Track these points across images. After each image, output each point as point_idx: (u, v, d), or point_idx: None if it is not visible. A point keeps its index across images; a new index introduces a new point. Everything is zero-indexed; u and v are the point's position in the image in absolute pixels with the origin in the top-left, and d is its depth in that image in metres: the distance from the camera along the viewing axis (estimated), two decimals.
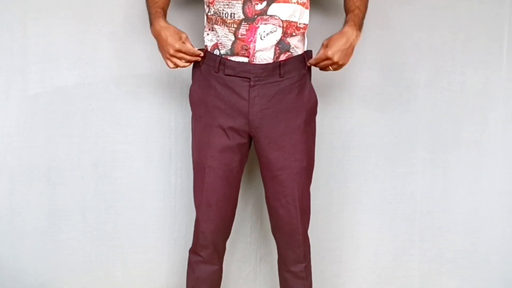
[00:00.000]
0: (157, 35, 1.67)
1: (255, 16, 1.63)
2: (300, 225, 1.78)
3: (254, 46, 1.65)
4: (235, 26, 1.64)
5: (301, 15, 1.68)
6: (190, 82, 1.83)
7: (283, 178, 1.73)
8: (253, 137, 1.74)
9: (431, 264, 2.31)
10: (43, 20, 2.05)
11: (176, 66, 1.67)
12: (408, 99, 2.21)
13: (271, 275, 2.24)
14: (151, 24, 1.70)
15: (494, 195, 2.28)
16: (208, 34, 1.72)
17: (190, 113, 1.83)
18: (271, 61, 1.66)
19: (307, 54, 1.73)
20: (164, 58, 1.69)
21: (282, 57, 1.68)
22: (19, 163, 2.11)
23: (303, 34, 1.72)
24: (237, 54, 1.66)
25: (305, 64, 1.71)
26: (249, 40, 1.64)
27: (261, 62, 1.66)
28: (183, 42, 1.65)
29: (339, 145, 2.21)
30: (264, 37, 1.64)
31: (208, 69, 1.70)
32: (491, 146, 2.26)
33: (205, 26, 1.74)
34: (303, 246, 1.82)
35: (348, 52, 1.66)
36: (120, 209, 2.17)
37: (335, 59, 1.63)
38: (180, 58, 1.66)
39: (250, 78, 1.66)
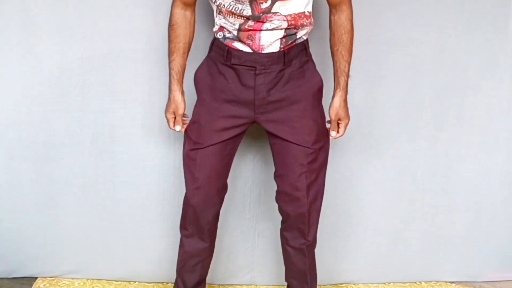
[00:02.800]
0: (170, 96, 1.84)
1: (261, 14, 1.66)
2: (307, 203, 1.80)
3: (260, 37, 1.68)
4: (243, 20, 1.67)
5: (306, 4, 1.71)
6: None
7: (294, 154, 1.77)
8: (260, 121, 1.77)
9: (431, 242, 2.32)
10: None
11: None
12: (413, 76, 2.19)
13: (270, 251, 2.25)
14: (169, 83, 1.83)
15: (496, 174, 2.28)
16: (216, 16, 1.75)
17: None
18: (277, 49, 1.69)
19: (307, 41, 1.78)
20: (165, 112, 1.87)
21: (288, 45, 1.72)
22: (18, 137, 2.10)
23: (310, 24, 1.75)
24: (243, 42, 1.70)
25: (306, 51, 1.77)
26: (255, 32, 1.68)
27: (267, 51, 1.69)
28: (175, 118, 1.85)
29: None
30: (269, 30, 1.68)
31: (218, 56, 1.75)
32: (494, 126, 2.25)
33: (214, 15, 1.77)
34: (309, 224, 1.85)
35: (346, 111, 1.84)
36: (119, 184, 2.17)
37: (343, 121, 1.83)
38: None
39: (255, 67, 1.70)
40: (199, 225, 1.87)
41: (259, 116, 1.75)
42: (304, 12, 1.70)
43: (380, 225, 2.29)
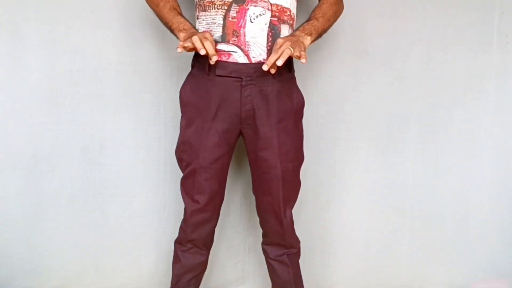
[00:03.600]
0: (193, 32, 1.64)
1: None
2: (283, 217, 1.80)
3: (245, 32, 1.65)
4: (225, 8, 1.64)
5: (291, 2, 1.70)
6: (180, 68, 1.81)
7: (270, 177, 1.76)
8: (243, 134, 1.76)
9: (420, 253, 2.32)
10: (31, 6, 2.02)
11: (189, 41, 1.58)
12: (399, 89, 2.21)
13: (260, 264, 2.24)
14: (182, 29, 1.67)
15: (483, 185, 2.30)
16: (197, 19, 1.72)
17: (176, 104, 1.84)
18: (265, 49, 1.66)
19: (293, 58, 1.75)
20: (186, 38, 1.62)
21: None
22: (6, 150, 2.08)
23: (292, 26, 1.74)
24: (228, 41, 1.66)
25: (291, 68, 1.76)
26: (239, 25, 1.65)
27: (255, 51, 1.66)
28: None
29: (328, 135, 2.21)
30: (254, 19, 1.65)
31: (200, 71, 1.72)
32: (481, 137, 2.27)
33: (196, 19, 1.74)
34: (287, 239, 1.86)
35: (299, 43, 1.60)
36: (108, 197, 2.16)
37: (288, 43, 1.57)
38: (202, 39, 1.56)
39: (241, 78, 1.67)
40: (197, 240, 1.85)
41: (245, 127, 1.73)
42: (291, 10, 1.69)
43: (370, 235, 2.30)
